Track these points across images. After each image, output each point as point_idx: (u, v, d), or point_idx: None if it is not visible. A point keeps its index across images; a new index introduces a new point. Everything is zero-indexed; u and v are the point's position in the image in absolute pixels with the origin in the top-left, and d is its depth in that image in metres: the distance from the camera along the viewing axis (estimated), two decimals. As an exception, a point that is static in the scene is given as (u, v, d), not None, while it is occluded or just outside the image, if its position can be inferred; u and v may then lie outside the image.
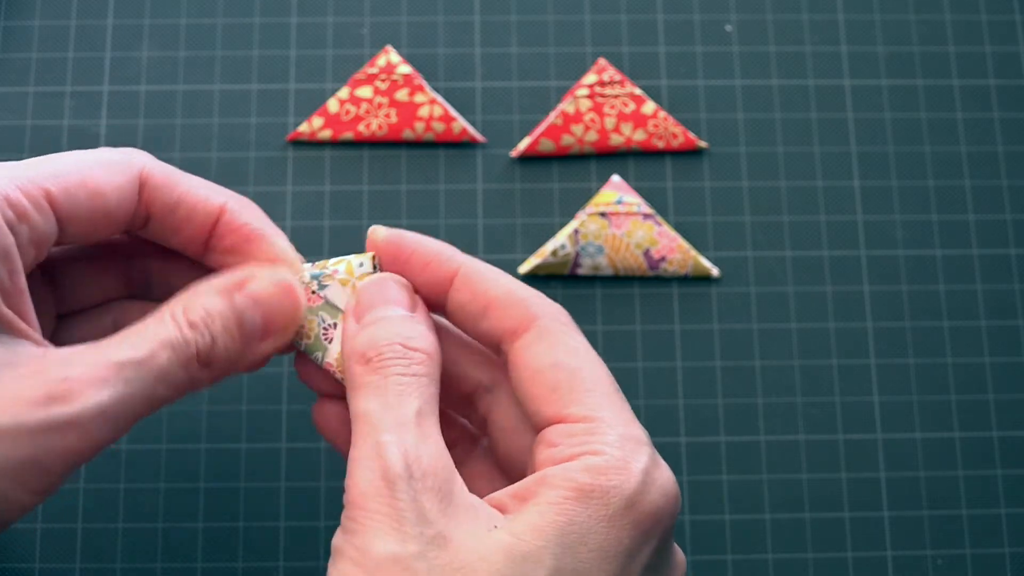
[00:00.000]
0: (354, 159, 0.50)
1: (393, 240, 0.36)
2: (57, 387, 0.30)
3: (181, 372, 0.33)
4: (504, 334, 0.34)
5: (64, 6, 0.52)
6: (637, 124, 0.50)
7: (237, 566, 0.45)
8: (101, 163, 0.35)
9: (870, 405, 0.48)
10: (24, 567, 0.45)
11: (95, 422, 0.31)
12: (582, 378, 0.33)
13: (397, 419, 0.31)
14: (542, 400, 0.33)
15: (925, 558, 0.46)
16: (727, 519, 0.47)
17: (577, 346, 0.34)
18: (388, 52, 0.51)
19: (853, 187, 0.50)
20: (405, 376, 0.32)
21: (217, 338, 0.34)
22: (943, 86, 0.52)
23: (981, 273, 0.50)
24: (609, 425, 0.32)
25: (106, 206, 0.35)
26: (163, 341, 0.33)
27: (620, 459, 0.31)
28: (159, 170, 0.36)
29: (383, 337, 0.33)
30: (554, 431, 0.32)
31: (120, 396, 0.31)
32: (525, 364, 0.34)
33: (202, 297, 0.34)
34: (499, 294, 0.35)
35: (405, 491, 0.29)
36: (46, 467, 0.30)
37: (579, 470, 0.31)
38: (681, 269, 0.49)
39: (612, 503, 0.30)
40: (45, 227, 0.33)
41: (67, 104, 0.50)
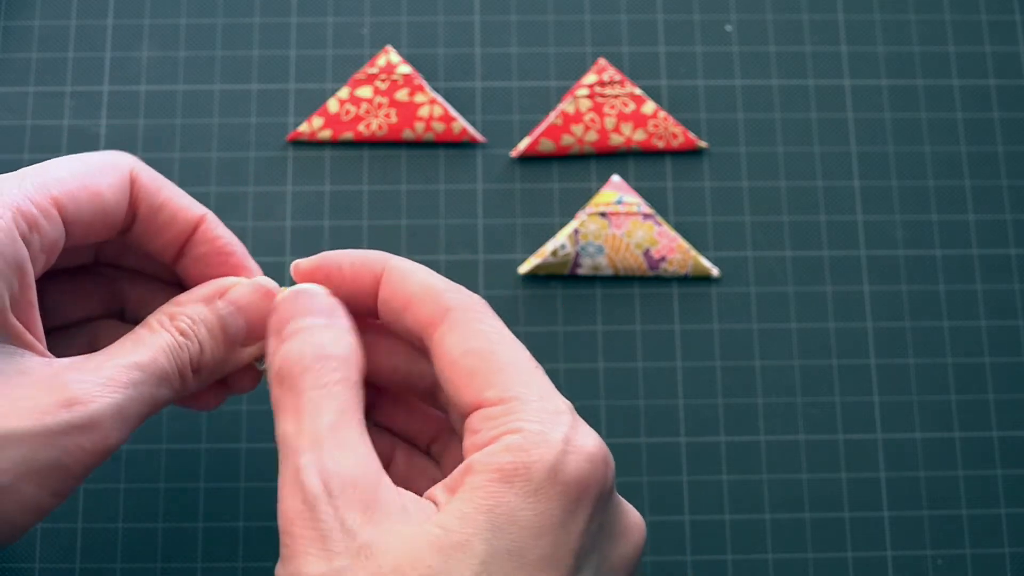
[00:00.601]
0: (354, 159, 0.50)
1: (315, 266, 0.36)
2: (74, 391, 0.32)
3: (178, 376, 0.35)
4: (423, 328, 0.34)
5: (64, 6, 0.52)
6: (637, 124, 0.50)
7: (237, 566, 0.45)
8: (96, 164, 0.36)
9: (870, 405, 0.48)
10: (24, 567, 0.45)
11: (112, 423, 0.32)
12: (495, 361, 0.33)
13: (312, 438, 0.31)
14: (460, 388, 0.33)
15: (925, 558, 0.46)
16: (727, 519, 0.47)
17: (488, 330, 0.34)
18: (388, 52, 0.51)
19: (853, 187, 0.50)
20: (316, 390, 0.32)
21: (204, 344, 0.35)
22: (943, 86, 0.52)
23: (981, 273, 0.50)
24: (525, 402, 0.32)
25: (105, 207, 0.36)
26: (162, 347, 0.34)
27: (538, 432, 0.31)
28: (145, 172, 0.37)
29: (294, 353, 0.33)
30: (475, 417, 0.32)
31: (131, 397, 0.33)
32: (441, 355, 0.34)
33: (186, 306, 0.36)
34: (416, 289, 0.35)
35: (326, 510, 0.30)
36: (68, 469, 0.32)
37: (500, 451, 0.31)
38: (681, 269, 0.49)
39: (535, 477, 0.30)
40: (54, 234, 0.34)
41: (67, 104, 0.50)
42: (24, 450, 0.31)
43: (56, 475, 0.31)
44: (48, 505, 0.32)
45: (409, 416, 0.38)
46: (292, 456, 0.31)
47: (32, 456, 0.31)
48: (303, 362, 0.33)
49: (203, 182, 0.49)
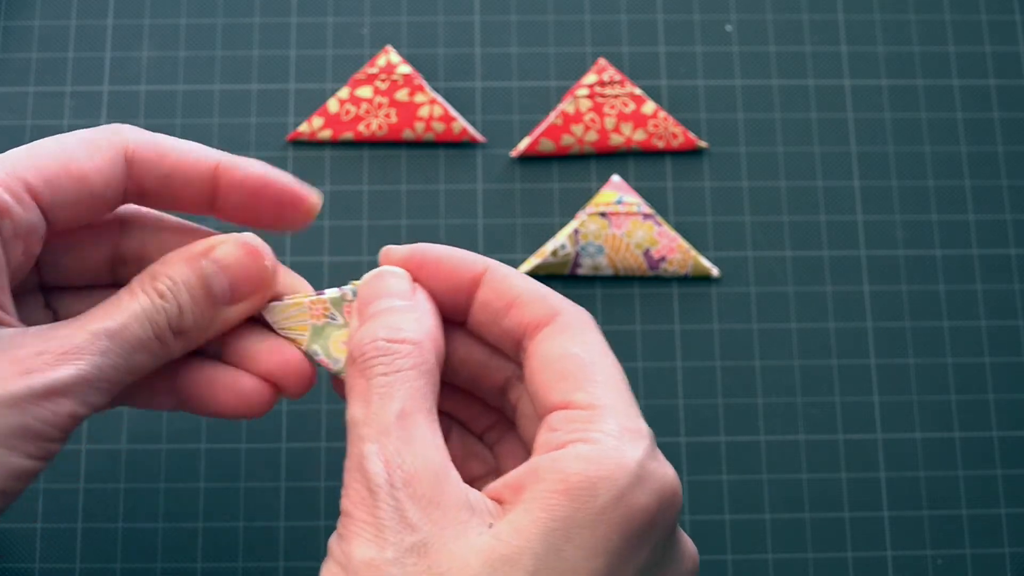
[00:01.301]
0: (354, 159, 0.50)
1: (407, 256, 0.36)
2: (35, 360, 0.31)
3: (155, 341, 0.34)
4: (526, 328, 0.34)
5: (64, 6, 0.52)
6: (637, 124, 0.50)
7: (237, 566, 0.45)
8: (82, 145, 0.35)
9: (870, 405, 0.48)
10: (24, 567, 0.45)
11: (76, 389, 0.32)
12: (592, 369, 0.33)
13: (379, 425, 0.31)
14: (550, 387, 0.33)
15: (925, 558, 0.46)
16: (727, 519, 0.47)
17: (592, 341, 0.34)
18: (388, 52, 0.51)
19: (853, 187, 0.51)
20: (387, 375, 0.32)
21: (184, 307, 0.34)
22: (943, 86, 0.52)
23: (981, 273, 0.50)
24: (611, 414, 0.31)
25: (92, 190, 0.34)
26: (134, 312, 0.33)
27: (614, 448, 0.30)
28: (146, 143, 0.36)
29: (369, 335, 0.33)
30: (556, 416, 0.32)
31: (99, 364, 0.32)
32: (541, 354, 0.33)
33: (168, 267, 0.35)
34: (523, 291, 0.35)
35: (386, 500, 0.29)
36: (38, 432, 0.31)
37: (571, 459, 0.30)
38: (681, 269, 0.49)
39: (601, 495, 0.29)
40: (30, 219, 0.33)
41: (67, 104, 0.50)
42: None
43: (27, 438, 0.31)
44: (28, 468, 0.31)
45: (469, 403, 0.38)
46: (358, 442, 0.31)
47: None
48: (377, 345, 0.32)
49: (203, 182, 0.49)
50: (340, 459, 0.46)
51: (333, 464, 0.46)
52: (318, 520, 0.46)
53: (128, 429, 0.46)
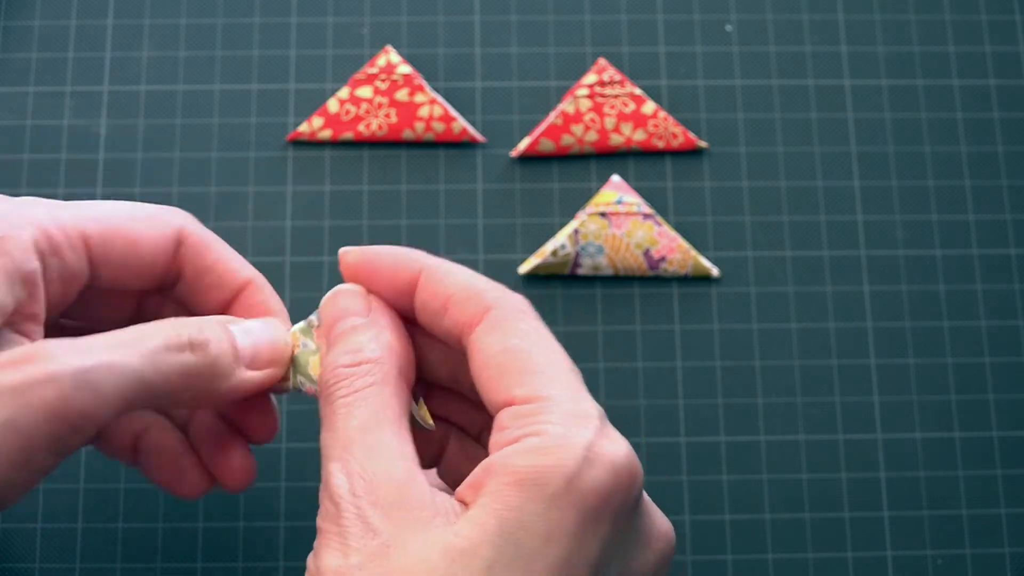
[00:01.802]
0: (354, 159, 0.50)
1: (361, 258, 0.36)
2: (36, 349, 0.30)
3: (171, 358, 0.32)
4: (462, 327, 0.34)
5: (64, 6, 0.52)
6: (637, 124, 0.50)
7: (237, 566, 0.45)
8: (141, 216, 0.36)
9: (870, 405, 0.48)
10: (24, 567, 0.45)
11: (73, 382, 0.30)
12: (531, 360, 0.32)
13: (341, 444, 0.32)
14: (492, 386, 0.32)
15: (925, 558, 0.46)
16: (727, 519, 0.47)
17: (529, 330, 0.33)
18: (388, 52, 0.51)
19: (853, 187, 0.50)
20: (346, 396, 0.33)
21: (210, 340, 0.34)
22: (943, 86, 0.52)
23: (981, 273, 0.50)
24: (555, 403, 0.31)
25: (141, 258, 0.36)
26: (154, 326, 0.33)
27: (561, 436, 0.30)
28: (196, 232, 0.37)
29: (329, 363, 0.34)
30: (503, 415, 0.32)
31: (102, 362, 0.30)
32: (477, 352, 0.33)
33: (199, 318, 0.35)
34: (456, 289, 0.34)
35: (349, 509, 0.30)
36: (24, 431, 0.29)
37: (519, 453, 0.30)
38: (681, 269, 0.49)
39: (551, 483, 0.29)
40: (76, 266, 0.34)
41: (67, 104, 0.50)
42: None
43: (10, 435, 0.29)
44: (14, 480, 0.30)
45: (461, 406, 0.38)
46: (325, 462, 0.32)
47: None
48: (337, 372, 0.33)
49: (203, 182, 0.49)
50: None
51: (333, 464, 0.46)
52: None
53: (128, 429, 0.46)
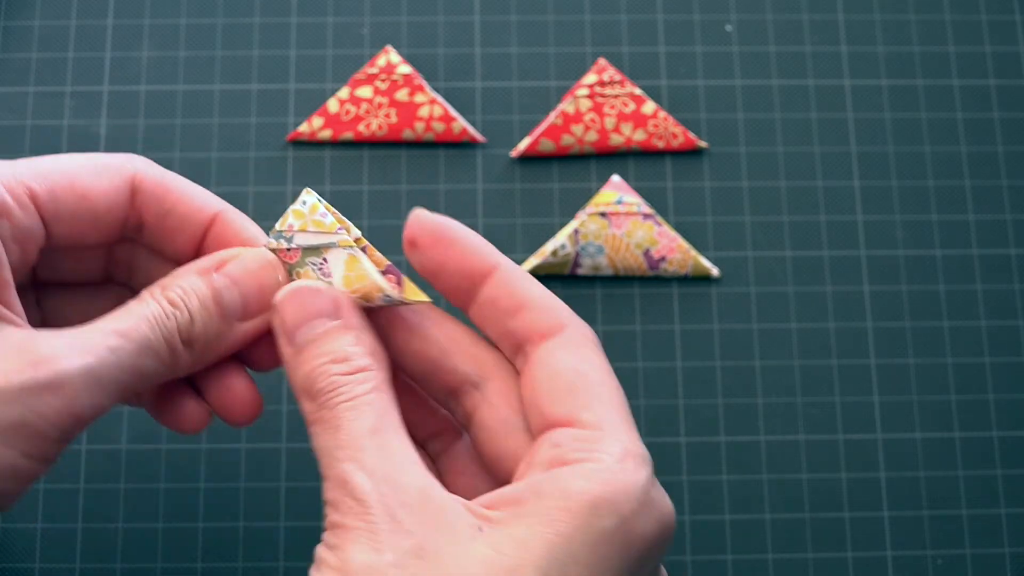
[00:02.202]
0: (354, 159, 0.50)
1: (439, 225, 0.35)
2: (42, 352, 0.31)
3: (164, 346, 0.33)
4: (532, 335, 0.34)
5: (64, 6, 0.52)
6: (637, 124, 0.50)
7: (237, 566, 0.45)
8: (92, 167, 0.35)
9: (870, 405, 0.48)
10: (24, 567, 0.45)
11: (80, 383, 0.31)
12: (598, 389, 0.33)
13: (353, 445, 0.31)
14: (554, 401, 0.33)
15: (925, 558, 0.46)
16: (727, 519, 0.47)
17: (598, 361, 0.34)
18: (388, 52, 0.51)
19: (853, 187, 0.51)
20: (349, 401, 0.32)
21: (195, 316, 0.34)
22: (943, 86, 0.52)
23: (981, 273, 0.50)
24: (615, 437, 0.32)
25: (94, 210, 0.35)
26: (144, 316, 0.33)
27: (620, 470, 0.30)
28: (153, 176, 0.36)
29: (318, 367, 0.33)
30: (561, 433, 0.32)
31: (105, 360, 0.32)
32: (547, 364, 0.33)
33: (180, 277, 0.35)
34: (534, 296, 0.35)
35: (377, 506, 0.30)
36: (36, 429, 0.31)
37: (575, 477, 0.30)
38: (681, 269, 0.49)
39: (605, 516, 0.30)
40: (29, 224, 0.34)
41: (67, 104, 0.50)
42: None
43: (23, 435, 0.31)
44: (25, 468, 0.31)
45: (413, 407, 0.38)
46: (335, 464, 0.31)
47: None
48: (332, 380, 0.33)
49: (203, 182, 0.49)
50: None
51: (333, 464, 0.46)
52: (318, 520, 0.46)
53: (128, 429, 0.46)
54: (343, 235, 0.35)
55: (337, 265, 0.35)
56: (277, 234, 0.35)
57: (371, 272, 0.35)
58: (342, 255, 0.35)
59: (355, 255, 0.35)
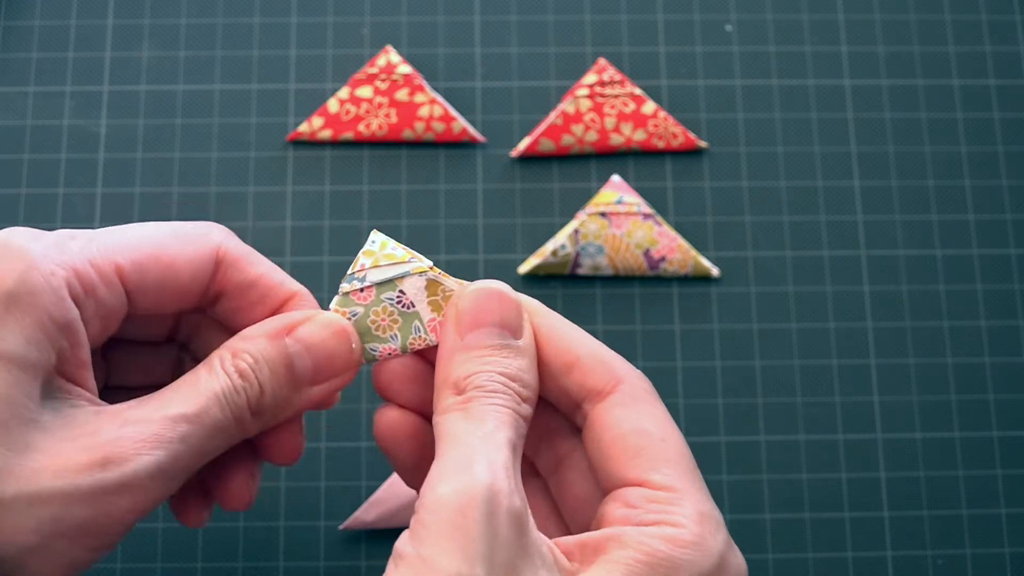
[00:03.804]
0: (354, 159, 0.50)
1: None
2: (111, 450, 0.30)
3: (233, 423, 0.33)
4: (588, 393, 0.34)
5: (64, 6, 0.52)
6: (637, 124, 0.50)
7: (237, 566, 0.45)
8: (177, 237, 0.34)
9: (870, 405, 0.48)
10: (24, 567, 0.45)
11: (150, 481, 0.31)
12: (666, 447, 0.33)
13: (490, 443, 0.30)
14: (622, 462, 0.32)
15: (925, 558, 0.46)
16: (727, 519, 0.46)
17: (659, 415, 0.34)
18: (388, 52, 0.51)
19: (853, 187, 0.51)
20: (505, 408, 0.31)
21: (265, 387, 0.33)
22: (943, 86, 0.52)
23: (981, 273, 0.50)
24: (690, 500, 0.32)
25: (179, 281, 0.34)
26: (214, 393, 0.32)
27: (698, 535, 0.31)
28: (235, 248, 0.36)
29: (483, 372, 0.32)
30: (633, 493, 0.32)
31: (176, 453, 0.31)
32: (608, 425, 0.33)
33: (250, 342, 0.34)
34: (585, 352, 0.34)
35: (482, 511, 0.28)
36: (103, 527, 0.31)
37: (656, 536, 0.30)
38: (681, 269, 0.49)
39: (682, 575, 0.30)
40: (113, 302, 0.33)
41: (67, 104, 0.50)
42: (55, 510, 0.30)
43: (91, 533, 0.30)
44: (85, 560, 0.31)
45: None
46: (464, 448, 0.30)
47: (63, 515, 0.30)
48: (493, 381, 0.32)
49: (203, 182, 0.49)
50: (340, 460, 0.47)
51: (333, 464, 0.46)
52: (318, 520, 0.46)
53: (128, 429, 0.46)
54: (417, 262, 0.35)
55: (417, 293, 0.35)
56: (349, 277, 0.35)
57: (460, 288, 0.34)
58: (420, 282, 0.35)
59: (435, 279, 0.35)
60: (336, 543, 0.45)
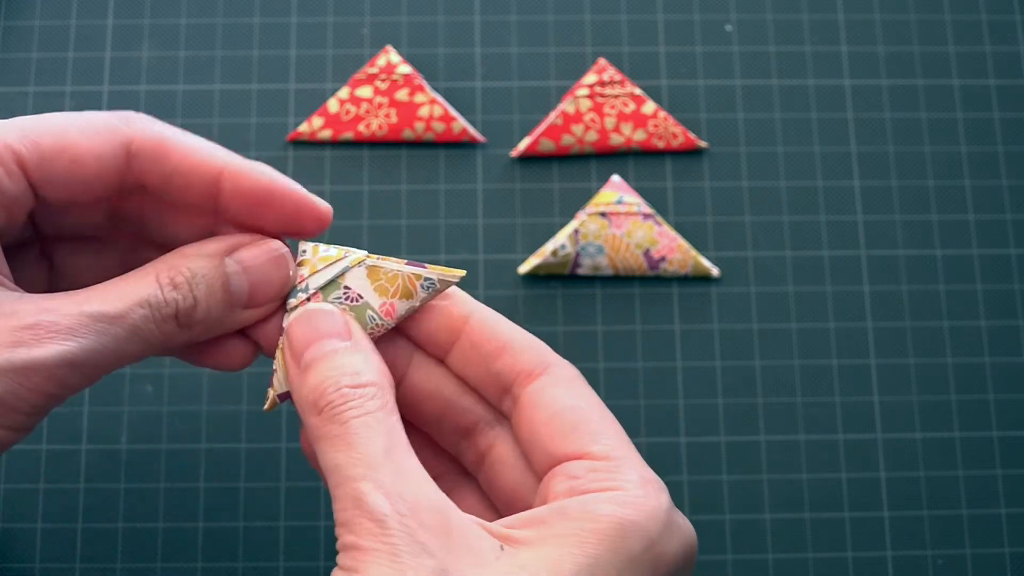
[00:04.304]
0: (354, 159, 0.50)
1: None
2: (25, 333, 0.31)
3: (155, 330, 0.33)
4: (518, 375, 0.35)
5: (64, 6, 0.52)
6: (637, 124, 0.50)
7: (237, 566, 0.45)
8: (85, 129, 0.34)
9: (870, 405, 0.48)
10: (24, 567, 0.45)
11: (60, 369, 0.31)
12: (599, 422, 0.34)
13: (366, 464, 0.30)
14: (559, 438, 0.33)
15: (925, 558, 0.46)
16: (727, 519, 0.47)
17: (590, 395, 0.35)
18: (388, 52, 0.51)
19: (853, 187, 0.51)
20: (361, 417, 0.31)
21: (200, 300, 0.34)
22: (943, 86, 0.52)
23: (981, 273, 0.50)
24: (630, 465, 0.32)
25: (85, 175, 0.34)
26: (140, 299, 0.33)
27: (642, 496, 0.31)
28: (150, 139, 0.34)
29: (327, 380, 0.32)
30: (575, 466, 0.32)
31: (88, 347, 0.31)
32: (542, 404, 0.34)
33: (190, 259, 0.34)
34: (516, 337, 0.35)
35: (397, 528, 0.29)
36: (12, 406, 0.31)
37: (601, 502, 0.31)
38: (681, 269, 0.49)
39: (632, 539, 0.30)
40: (16, 191, 0.33)
41: (67, 104, 0.50)
42: None
43: (2, 408, 0.31)
44: (1, 437, 0.31)
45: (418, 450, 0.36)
46: (349, 482, 0.30)
47: None
48: (342, 392, 0.32)
49: (203, 182, 0.49)
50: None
51: (333, 464, 0.46)
52: (318, 520, 0.46)
53: (128, 429, 0.46)
54: (353, 255, 0.35)
55: (360, 283, 0.35)
56: (294, 291, 0.35)
57: (399, 267, 0.35)
58: (360, 272, 0.35)
59: (374, 264, 0.35)
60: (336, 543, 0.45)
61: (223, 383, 0.47)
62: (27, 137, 0.33)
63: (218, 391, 0.47)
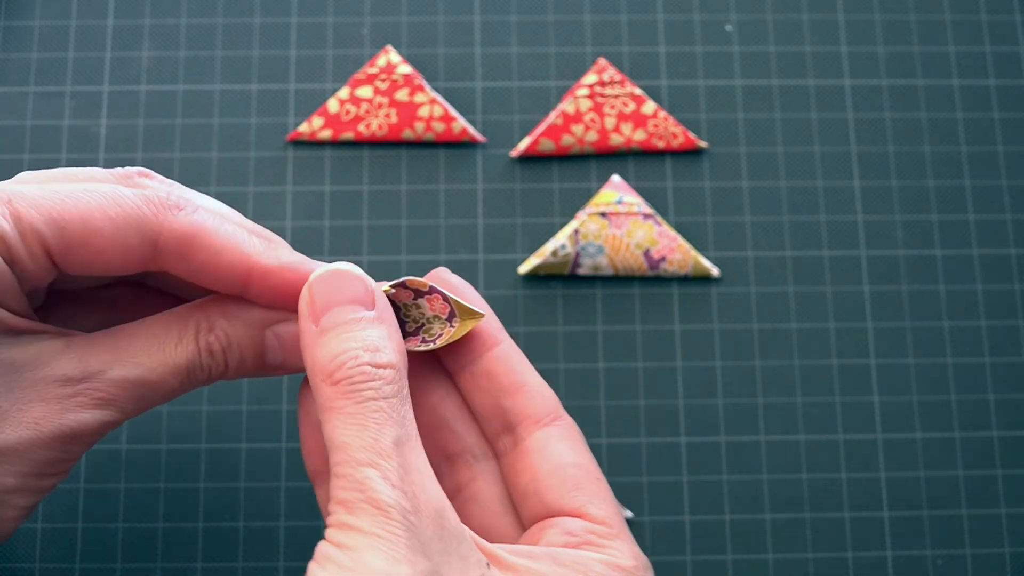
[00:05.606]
0: (354, 159, 0.50)
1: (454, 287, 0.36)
2: (70, 401, 0.32)
3: (188, 387, 0.34)
4: (527, 419, 0.35)
5: (64, 6, 0.52)
6: (637, 124, 0.50)
7: (237, 566, 0.45)
8: (113, 217, 0.32)
9: (870, 405, 0.48)
10: (24, 567, 0.45)
11: (99, 433, 0.33)
12: (601, 486, 0.35)
13: (376, 452, 0.30)
14: (559, 492, 0.34)
15: (925, 558, 0.46)
16: (727, 519, 0.47)
17: (591, 457, 0.36)
18: (388, 52, 0.51)
19: (853, 187, 0.50)
20: (377, 400, 0.31)
21: (231, 367, 0.34)
22: (943, 86, 0.52)
23: (981, 273, 0.50)
24: (625, 541, 0.34)
25: (108, 264, 0.33)
26: (179, 367, 0.33)
27: (633, 570, 0.33)
28: (179, 235, 0.33)
29: (347, 351, 0.31)
30: (572, 523, 0.34)
31: (126, 411, 0.33)
32: (548, 454, 0.35)
33: (231, 323, 0.34)
34: (533, 380, 0.36)
35: (399, 519, 0.29)
36: (60, 465, 0.33)
37: (596, 561, 0.32)
38: (681, 269, 0.49)
39: None
40: (39, 272, 0.32)
41: (67, 104, 0.50)
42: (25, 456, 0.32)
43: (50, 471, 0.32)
44: (47, 486, 0.33)
45: None
46: (355, 464, 0.30)
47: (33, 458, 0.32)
48: (362, 370, 0.31)
49: (203, 182, 0.49)
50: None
51: (333, 464, 0.46)
52: (318, 520, 0.46)
53: (128, 429, 0.46)
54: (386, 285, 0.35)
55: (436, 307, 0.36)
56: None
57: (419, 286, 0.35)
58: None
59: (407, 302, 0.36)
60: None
61: (223, 383, 0.47)
62: (53, 222, 0.32)
63: (218, 391, 0.47)
